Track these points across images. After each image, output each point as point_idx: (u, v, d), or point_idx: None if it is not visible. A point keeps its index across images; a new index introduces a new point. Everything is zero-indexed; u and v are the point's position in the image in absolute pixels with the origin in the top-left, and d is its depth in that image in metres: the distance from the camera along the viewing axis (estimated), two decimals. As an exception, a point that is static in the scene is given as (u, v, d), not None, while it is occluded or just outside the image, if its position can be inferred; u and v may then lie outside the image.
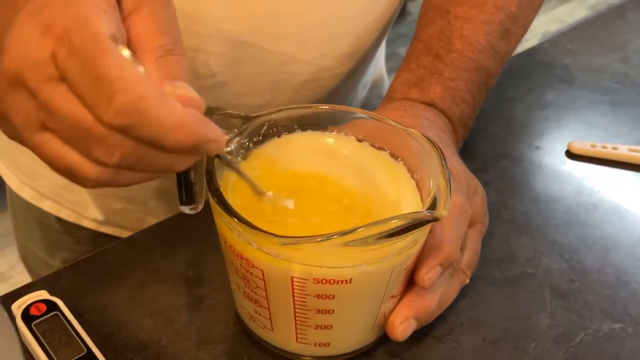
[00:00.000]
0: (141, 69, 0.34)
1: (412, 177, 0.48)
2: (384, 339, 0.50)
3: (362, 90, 0.76)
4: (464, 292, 0.53)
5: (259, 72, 0.61)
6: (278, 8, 0.58)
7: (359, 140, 0.50)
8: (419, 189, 0.47)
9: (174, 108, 0.33)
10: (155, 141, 0.33)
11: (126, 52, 0.34)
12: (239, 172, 0.45)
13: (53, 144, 0.35)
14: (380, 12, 0.64)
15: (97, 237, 0.74)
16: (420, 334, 0.50)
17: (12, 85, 0.34)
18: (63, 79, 0.33)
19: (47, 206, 0.74)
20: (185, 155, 0.36)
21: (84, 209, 0.73)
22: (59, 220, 0.75)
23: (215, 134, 0.35)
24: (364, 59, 0.67)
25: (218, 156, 0.44)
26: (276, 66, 0.61)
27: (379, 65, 0.80)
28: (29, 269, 0.85)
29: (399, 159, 0.49)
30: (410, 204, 0.46)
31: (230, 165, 0.45)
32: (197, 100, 0.35)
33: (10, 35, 0.34)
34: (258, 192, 0.45)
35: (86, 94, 0.33)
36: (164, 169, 0.36)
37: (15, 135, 0.37)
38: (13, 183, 0.75)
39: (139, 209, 0.69)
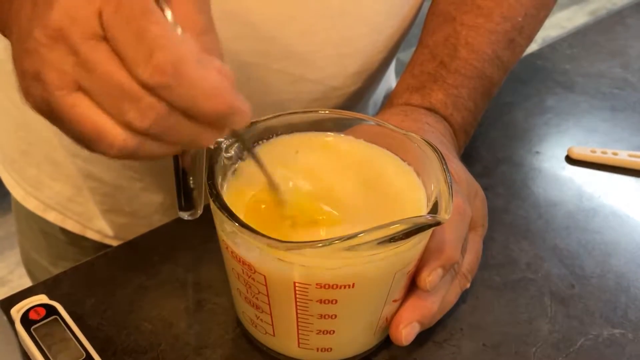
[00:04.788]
0: (180, 31, 0.34)
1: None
2: (384, 344, 0.50)
3: (373, 107, 0.76)
4: (464, 297, 0.53)
5: (266, 91, 0.60)
6: (285, 28, 0.57)
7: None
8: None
9: (211, 74, 0.33)
10: (189, 105, 0.33)
11: (169, 14, 0.34)
12: (255, 159, 0.44)
13: (84, 105, 0.35)
14: (391, 32, 0.63)
15: (101, 247, 0.74)
16: (421, 339, 0.50)
17: (54, 39, 0.34)
18: (106, 38, 0.33)
19: (52, 217, 0.74)
20: (211, 128, 0.36)
21: (88, 221, 0.73)
22: (64, 230, 0.75)
23: (244, 106, 0.35)
24: (374, 77, 0.67)
25: (238, 143, 0.43)
26: (283, 85, 0.60)
27: (389, 81, 0.80)
28: (32, 277, 0.85)
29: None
30: (423, 206, 0.46)
31: (247, 149, 0.45)
32: (230, 74, 0.35)
33: None
34: (273, 186, 0.45)
35: (127, 51, 0.33)
36: (190, 141, 0.36)
37: (43, 99, 0.36)
38: (18, 194, 0.75)
39: (143, 224, 0.69)
